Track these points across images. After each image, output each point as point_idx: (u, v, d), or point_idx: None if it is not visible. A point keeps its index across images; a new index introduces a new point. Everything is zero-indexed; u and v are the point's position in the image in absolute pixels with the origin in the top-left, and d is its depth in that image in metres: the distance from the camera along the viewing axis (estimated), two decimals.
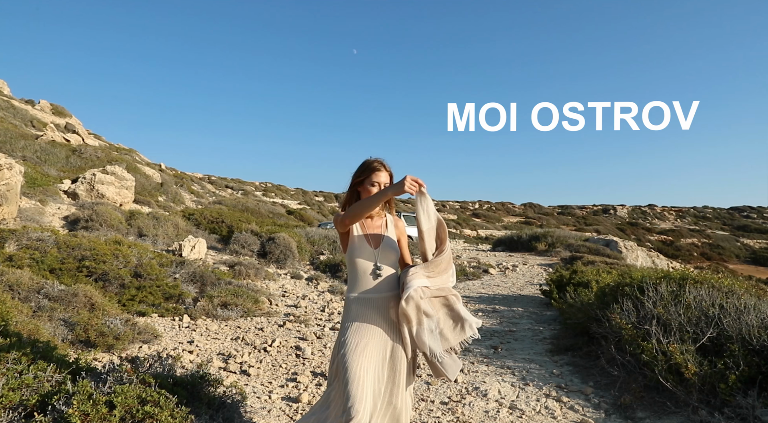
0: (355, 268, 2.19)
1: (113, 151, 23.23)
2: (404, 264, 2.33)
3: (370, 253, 2.18)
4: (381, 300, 2.14)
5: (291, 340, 4.74)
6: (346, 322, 2.15)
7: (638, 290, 4.57)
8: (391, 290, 2.17)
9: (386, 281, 2.17)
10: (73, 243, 6.02)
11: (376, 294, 2.14)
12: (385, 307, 2.14)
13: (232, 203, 21.41)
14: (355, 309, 2.14)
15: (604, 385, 3.83)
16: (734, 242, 48.38)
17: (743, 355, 3.31)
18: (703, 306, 3.96)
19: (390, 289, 2.17)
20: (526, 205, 61.59)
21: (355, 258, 2.18)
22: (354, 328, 2.09)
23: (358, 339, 2.05)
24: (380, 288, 2.15)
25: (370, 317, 2.11)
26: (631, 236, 43.19)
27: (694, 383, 3.27)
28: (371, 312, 2.12)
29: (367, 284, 2.16)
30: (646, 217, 64.64)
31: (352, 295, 2.17)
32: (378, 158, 2.29)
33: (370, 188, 2.21)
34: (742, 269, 33.80)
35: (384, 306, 2.14)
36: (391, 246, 2.24)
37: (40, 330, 3.58)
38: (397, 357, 2.10)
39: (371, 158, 2.29)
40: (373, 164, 2.25)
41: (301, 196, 42.45)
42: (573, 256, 13.92)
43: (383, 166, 2.26)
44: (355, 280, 2.19)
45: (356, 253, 2.18)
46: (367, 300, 2.14)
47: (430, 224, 2.21)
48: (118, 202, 12.98)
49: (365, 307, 2.13)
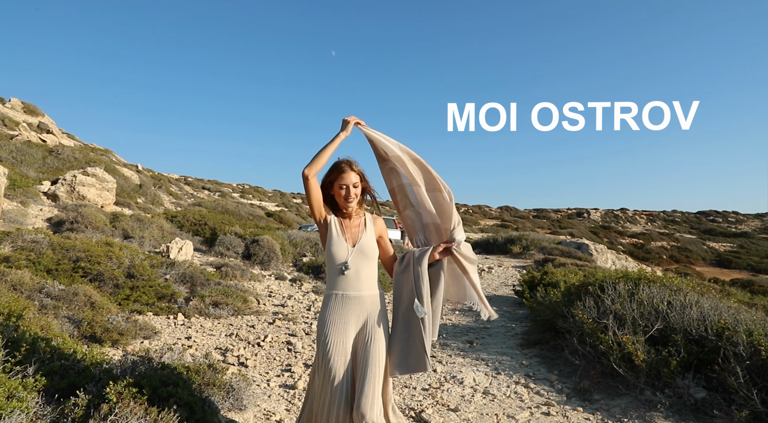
0: (330, 266, 2.23)
1: (90, 151, 23.03)
2: (389, 259, 2.38)
3: (345, 252, 2.19)
4: (355, 299, 2.18)
5: (282, 336, 5.08)
6: (321, 318, 2.21)
7: (600, 289, 5.06)
8: (366, 290, 2.20)
9: (362, 281, 2.19)
10: (67, 244, 6.22)
11: (352, 292, 2.18)
12: (358, 305, 2.18)
13: (212, 205, 21.42)
14: (331, 306, 2.19)
15: (567, 373, 4.29)
16: (701, 245, 50.22)
17: (684, 344, 3.80)
18: (654, 302, 4.45)
19: (367, 288, 2.21)
20: (502, 208, 62.73)
21: (332, 256, 2.20)
22: (327, 326, 2.15)
23: (330, 337, 2.12)
24: (356, 286, 2.18)
25: (343, 315, 2.16)
26: (603, 239, 44.39)
27: (643, 369, 3.74)
28: (344, 310, 2.16)
29: (341, 282, 2.18)
30: (618, 221, 66.51)
31: (329, 292, 2.22)
32: (347, 158, 2.27)
33: (339, 191, 2.22)
34: (708, 271, 35.18)
35: (357, 305, 2.17)
36: (368, 245, 2.23)
37: (51, 326, 3.84)
38: (367, 355, 2.11)
39: (340, 159, 2.26)
40: (341, 165, 2.23)
41: (279, 198, 42.43)
42: (546, 259, 14.51)
43: (351, 167, 2.23)
44: (331, 278, 2.23)
45: (332, 251, 2.19)
46: (341, 297, 2.18)
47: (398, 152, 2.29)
48: (100, 204, 13.04)
49: (339, 305, 2.17)
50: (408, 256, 2.31)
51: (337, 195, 2.23)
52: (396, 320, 2.28)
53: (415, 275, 2.24)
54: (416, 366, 2.18)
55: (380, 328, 2.18)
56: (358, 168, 2.25)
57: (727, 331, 3.74)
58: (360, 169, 2.26)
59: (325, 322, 2.16)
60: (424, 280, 2.23)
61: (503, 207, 63.40)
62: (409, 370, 2.20)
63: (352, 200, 2.21)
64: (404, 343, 2.21)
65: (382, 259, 2.39)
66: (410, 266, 2.26)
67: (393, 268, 2.36)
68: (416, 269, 2.24)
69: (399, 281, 2.31)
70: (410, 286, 2.24)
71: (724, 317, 4.01)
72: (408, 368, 2.20)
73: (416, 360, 2.18)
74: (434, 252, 2.28)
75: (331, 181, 2.23)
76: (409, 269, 2.26)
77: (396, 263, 2.34)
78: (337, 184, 2.21)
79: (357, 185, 2.23)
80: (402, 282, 2.29)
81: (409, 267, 2.27)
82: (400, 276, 2.30)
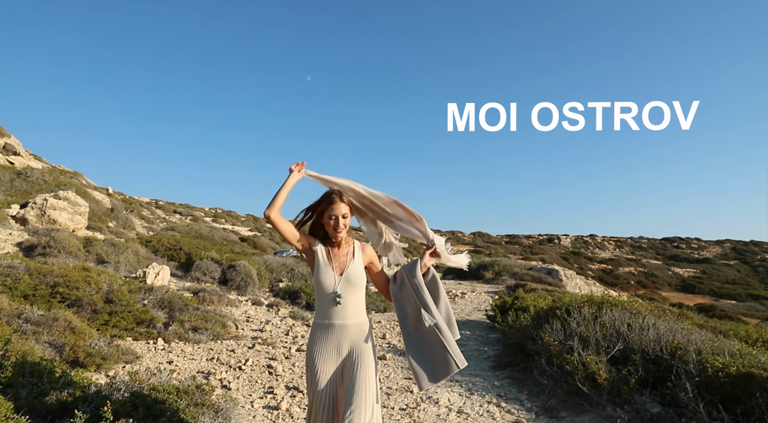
0: (318, 294, 2.24)
1: (59, 174, 22.62)
2: (385, 283, 2.42)
3: (332, 280, 2.20)
4: (340, 327, 2.19)
5: (262, 360, 5.19)
6: (309, 347, 2.24)
7: (566, 312, 5.36)
8: (352, 318, 2.21)
9: (349, 309, 2.20)
10: (44, 270, 6.21)
11: (338, 321, 2.19)
12: (344, 334, 2.19)
13: (185, 230, 21.21)
14: (318, 335, 2.21)
15: (536, 393, 4.53)
16: (666, 271, 51.92)
17: (642, 363, 4.11)
18: (615, 324, 4.77)
19: (353, 316, 2.21)
20: (475, 234, 63.61)
21: (319, 285, 2.21)
22: (314, 356, 2.19)
23: (318, 367, 2.16)
24: (342, 315, 2.19)
25: (329, 344, 2.18)
26: (574, 265, 45.40)
27: (605, 387, 4.02)
28: (330, 339, 2.18)
29: (328, 311, 2.20)
30: (587, 247, 68.18)
31: (316, 321, 2.24)
32: (337, 189, 2.31)
33: (329, 221, 2.25)
34: (674, 296, 36.36)
35: (343, 333, 2.19)
36: (356, 273, 2.24)
37: (35, 351, 3.88)
38: (353, 382, 2.11)
39: (330, 190, 2.31)
40: (331, 196, 2.26)
41: (252, 223, 42.02)
42: (517, 284, 14.88)
43: (340, 198, 2.26)
44: (319, 306, 2.24)
45: (320, 279, 2.21)
46: (328, 326, 2.19)
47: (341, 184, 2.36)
48: (71, 228, 12.84)
49: (325, 334, 2.19)
50: (399, 274, 2.39)
51: (327, 225, 2.26)
52: (408, 336, 2.34)
53: (413, 288, 2.31)
54: (446, 369, 2.23)
55: (367, 355, 2.19)
56: (347, 199, 2.29)
57: (679, 351, 4.08)
58: (350, 200, 2.31)
59: (313, 352, 2.20)
60: (424, 290, 2.30)
61: (476, 233, 64.33)
62: (440, 377, 2.24)
63: (341, 231, 2.24)
64: (425, 354, 2.27)
65: (378, 284, 2.43)
66: (405, 281, 2.34)
67: (388, 291, 2.41)
68: (413, 282, 2.31)
69: (399, 299, 2.37)
70: (412, 299, 2.31)
71: (678, 338, 4.36)
72: (438, 375, 2.24)
73: (442, 364, 2.23)
74: (423, 260, 2.39)
75: (321, 210, 2.28)
76: (405, 284, 2.34)
77: (390, 284, 2.40)
78: (327, 214, 2.25)
79: (346, 216, 2.25)
80: (402, 299, 2.35)
81: (404, 282, 2.34)
82: (399, 294, 2.36)
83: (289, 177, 2.27)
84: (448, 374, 2.23)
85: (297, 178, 2.29)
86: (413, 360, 2.29)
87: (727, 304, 31.85)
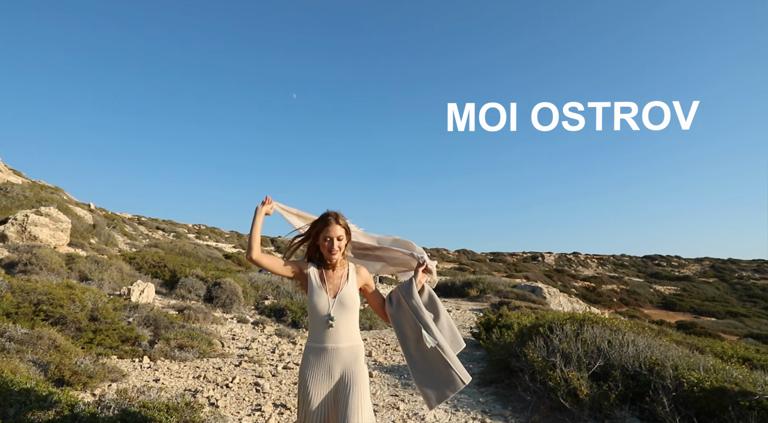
0: (312, 317, 2.24)
1: (40, 189, 22.30)
2: (381, 304, 2.45)
3: (326, 303, 2.21)
4: (332, 351, 2.18)
5: (249, 378, 5.19)
6: (302, 370, 2.22)
7: (549, 330, 5.49)
8: (344, 341, 2.20)
9: (341, 332, 2.20)
10: (27, 287, 6.15)
11: (332, 344, 2.18)
12: (336, 357, 2.18)
13: (169, 246, 21.00)
14: (311, 359, 2.20)
15: (520, 409, 4.62)
16: (648, 288, 52.70)
17: (622, 378, 4.24)
18: (596, 341, 4.90)
19: (346, 339, 2.21)
20: (460, 252, 63.88)
21: (312, 308, 2.22)
22: (307, 380, 2.18)
23: (310, 391, 2.15)
24: (335, 338, 2.19)
25: (321, 367, 2.17)
26: (557, 283, 45.78)
27: (586, 402, 4.13)
28: (323, 362, 2.18)
29: (321, 333, 2.19)
30: (571, 264, 68.93)
31: (309, 344, 2.23)
32: (335, 212, 2.32)
33: (324, 243, 2.27)
34: (655, 314, 36.88)
35: (335, 357, 2.18)
36: (349, 296, 2.24)
37: (20, 369, 3.86)
38: (346, 405, 2.10)
39: (328, 211, 2.32)
40: (327, 218, 2.28)
41: (236, 240, 41.69)
42: (501, 302, 15.01)
43: (336, 220, 2.28)
44: (312, 329, 2.24)
45: (313, 302, 2.22)
46: (321, 350, 2.19)
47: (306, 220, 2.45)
48: (53, 245, 12.68)
49: (317, 358, 2.19)
50: (394, 294, 2.42)
51: (322, 246, 2.28)
52: (410, 357, 2.35)
53: (412, 308, 2.33)
54: (452, 386, 2.25)
55: (360, 378, 2.18)
56: (344, 222, 2.31)
57: (657, 367, 4.21)
58: (346, 223, 2.33)
59: (305, 376, 2.19)
60: (423, 310, 2.32)
61: (461, 250, 64.60)
62: (447, 394, 2.26)
63: (335, 252, 2.26)
64: (429, 373, 2.28)
65: (374, 305, 2.45)
66: (402, 303, 2.36)
67: (385, 312, 2.44)
68: (410, 303, 2.34)
69: (397, 320, 2.38)
70: (410, 320, 2.33)
71: (656, 354, 4.50)
72: (445, 393, 2.26)
73: (448, 382, 2.25)
74: (416, 278, 2.43)
75: (317, 232, 2.30)
76: (402, 306, 2.36)
77: (386, 305, 2.43)
78: (322, 235, 2.27)
79: (341, 238, 2.27)
80: (401, 320, 2.37)
81: (401, 304, 2.36)
82: (397, 315, 2.38)
83: (256, 215, 2.28)
84: (454, 391, 2.25)
85: (263, 213, 2.31)
86: (419, 381, 2.30)
87: (707, 321, 32.45)
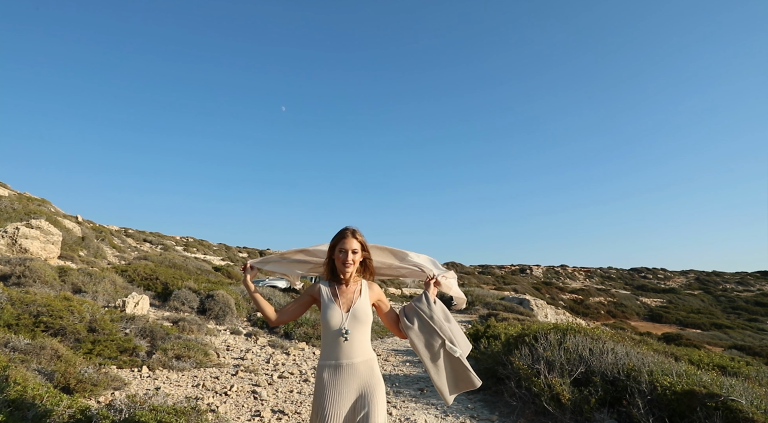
0: (325, 332, 2.22)
1: (28, 202, 22.22)
2: (394, 320, 2.43)
3: (339, 317, 2.21)
4: (347, 367, 2.17)
5: (246, 386, 5.37)
6: (317, 390, 2.19)
7: (534, 339, 5.75)
8: (359, 356, 2.19)
9: (355, 347, 2.19)
10: (27, 299, 6.28)
11: (346, 360, 2.17)
12: (352, 373, 2.16)
13: (158, 259, 20.98)
14: (326, 377, 2.18)
15: (507, 414, 4.85)
16: (635, 301, 53.38)
17: (602, 384, 4.50)
18: (578, 349, 5.17)
19: (360, 354, 2.20)
20: (448, 264, 64.18)
21: (326, 322, 2.21)
22: (323, 398, 2.14)
23: (327, 410, 2.11)
24: (349, 353, 2.18)
25: (338, 385, 2.15)
26: (546, 295, 46.18)
27: (568, 407, 4.38)
28: (339, 380, 2.15)
29: (335, 349, 2.18)
30: (558, 277, 69.59)
31: (322, 362, 2.21)
32: (351, 227, 2.35)
33: (339, 255, 2.30)
34: (642, 326, 37.37)
35: (351, 373, 2.16)
36: (362, 310, 2.25)
37: (28, 378, 4.02)
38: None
39: (346, 226, 2.36)
40: (345, 231, 2.33)
41: (224, 252, 41.56)
42: (490, 313, 15.30)
43: (353, 235, 2.32)
44: (325, 346, 2.22)
45: (327, 317, 2.21)
46: (336, 367, 2.17)
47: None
48: (44, 257, 12.71)
49: (334, 375, 2.17)
50: (410, 309, 2.41)
51: (337, 259, 2.31)
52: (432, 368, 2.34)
53: (435, 323, 2.35)
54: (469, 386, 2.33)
55: (379, 394, 2.17)
56: (360, 237, 2.35)
57: (633, 372, 4.49)
58: (362, 239, 2.36)
59: (322, 394, 2.15)
60: (443, 323, 2.35)
61: (449, 263, 64.93)
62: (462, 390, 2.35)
63: (349, 265, 2.28)
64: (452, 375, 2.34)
65: (386, 321, 2.44)
66: (423, 317, 2.37)
67: (399, 327, 2.43)
68: (431, 316, 2.36)
69: (415, 334, 2.36)
70: (432, 334, 2.33)
71: (633, 361, 4.78)
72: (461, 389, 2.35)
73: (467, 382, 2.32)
74: (428, 291, 2.45)
75: (333, 245, 2.34)
76: (423, 320, 2.36)
77: (402, 320, 2.41)
78: (338, 247, 2.31)
79: (356, 252, 2.31)
80: (421, 334, 2.35)
81: (422, 319, 2.37)
82: (414, 329, 2.36)
83: (246, 288, 2.39)
84: (470, 389, 2.34)
85: (249, 283, 2.39)
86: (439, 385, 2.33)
87: (692, 333, 32.97)
